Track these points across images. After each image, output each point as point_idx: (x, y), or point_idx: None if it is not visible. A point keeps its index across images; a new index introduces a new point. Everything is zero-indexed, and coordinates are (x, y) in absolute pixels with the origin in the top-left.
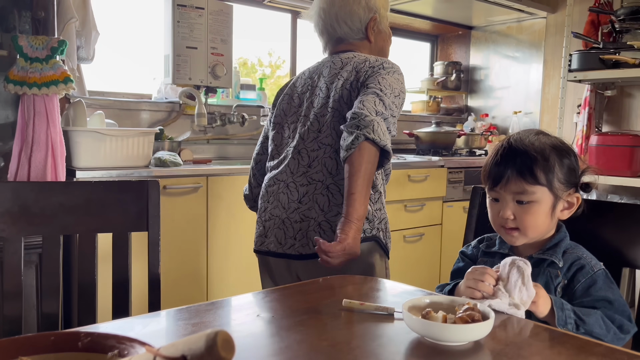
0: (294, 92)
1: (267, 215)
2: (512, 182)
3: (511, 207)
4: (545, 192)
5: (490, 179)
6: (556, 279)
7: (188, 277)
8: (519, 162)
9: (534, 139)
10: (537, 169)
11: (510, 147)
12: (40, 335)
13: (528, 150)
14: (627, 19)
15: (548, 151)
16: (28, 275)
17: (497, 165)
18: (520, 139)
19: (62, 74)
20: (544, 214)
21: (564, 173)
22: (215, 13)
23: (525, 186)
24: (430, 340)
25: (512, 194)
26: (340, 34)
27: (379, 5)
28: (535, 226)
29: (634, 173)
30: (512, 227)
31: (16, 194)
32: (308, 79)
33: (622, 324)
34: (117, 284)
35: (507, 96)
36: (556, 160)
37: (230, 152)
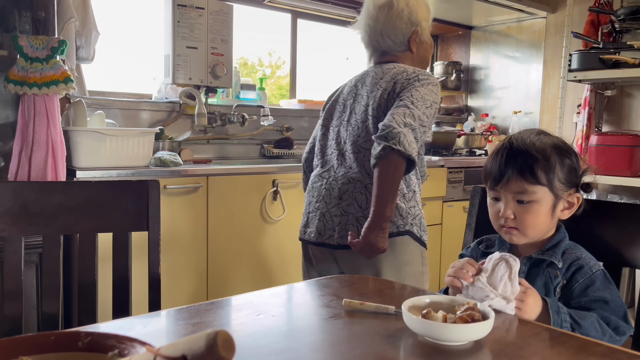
0: (339, 98)
1: (311, 208)
2: (513, 182)
3: (511, 207)
4: (545, 192)
5: (490, 178)
6: (555, 280)
7: (188, 277)
8: (520, 162)
9: (535, 139)
10: (538, 168)
11: (512, 146)
12: (40, 335)
13: (529, 150)
14: (627, 19)
15: (549, 151)
16: (28, 275)
17: (498, 164)
18: (521, 139)
19: (62, 74)
20: (544, 213)
21: (565, 173)
22: (216, 13)
23: (525, 186)
24: (430, 340)
25: (513, 194)
26: (384, 47)
27: (420, 19)
28: (535, 226)
29: (633, 173)
30: (511, 226)
31: (16, 193)
32: (353, 86)
33: (617, 326)
34: (118, 284)
35: (507, 96)
36: (557, 160)
37: (231, 152)
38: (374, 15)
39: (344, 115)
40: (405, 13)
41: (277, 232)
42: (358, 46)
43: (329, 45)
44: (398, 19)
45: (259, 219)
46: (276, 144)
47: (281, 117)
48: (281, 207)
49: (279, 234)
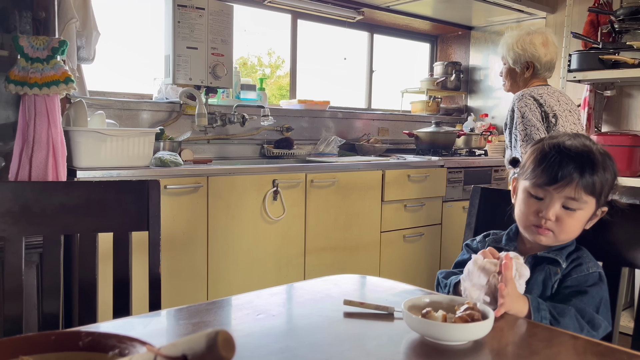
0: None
1: None
2: (571, 187)
3: (557, 209)
4: (592, 202)
5: (544, 176)
6: (555, 276)
7: (188, 276)
8: (584, 167)
9: (593, 146)
10: (597, 178)
11: (576, 148)
12: (41, 335)
13: (592, 157)
14: (626, 19)
15: (609, 162)
16: (29, 274)
17: (557, 163)
18: (583, 142)
19: (62, 74)
20: (582, 221)
21: (610, 187)
22: (216, 13)
23: (582, 194)
24: (430, 339)
25: (564, 198)
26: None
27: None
28: (572, 232)
29: (633, 173)
30: (549, 228)
31: (17, 193)
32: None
33: (592, 318)
34: (118, 284)
35: (506, 96)
36: (611, 173)
37: (231, 152)
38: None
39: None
40: None
41: (277, 232)
42: (357, 46)
43: (329, 45)
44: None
45: (259, 219)
46: (276, 144)
47: (281, 117)
48: (281, 207)
49: (279, 234)
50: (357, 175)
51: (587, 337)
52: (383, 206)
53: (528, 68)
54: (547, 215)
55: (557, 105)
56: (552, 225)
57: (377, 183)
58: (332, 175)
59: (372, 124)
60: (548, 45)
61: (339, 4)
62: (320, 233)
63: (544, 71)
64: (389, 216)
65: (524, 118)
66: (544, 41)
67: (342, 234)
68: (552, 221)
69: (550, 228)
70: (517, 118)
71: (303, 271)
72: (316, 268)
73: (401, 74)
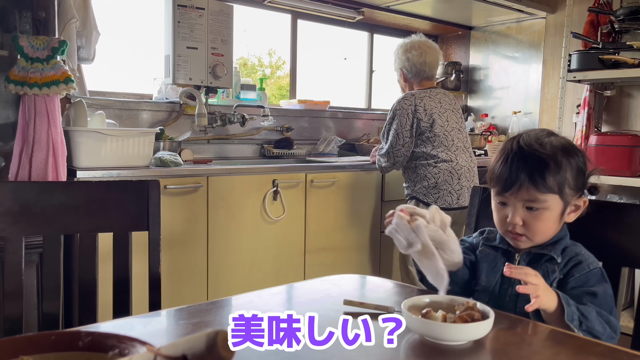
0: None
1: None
2: (524, 190)
3: (520, 214)
4: (556, 200)
5: (499, 184)
6: (552, 274)
7: (188, 276)
8: (531, 169)
9: (546, 141)
10: (549, 176)
11: (522, 150)
12: (41, 335)
13: (540, 156)
14: (626, 19)
15: (560, 156)
16: (29, 275)
17: (507, 169)
18: (530, 142)
19: (62, 74)
20: (553, 219)
21: (574, 178)
22: (216, 13)
23: (537, 194)
24: (430, 339)
25: (523, 201)
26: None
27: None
28: (544, 232)
29: (633, 173)
30: (519, 232)
31: (17, 193)
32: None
33: (609, 320)
34: (118, 284)
35: (506, 96)
36: (568, 165)
37: (231, 152)
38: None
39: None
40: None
41: (277, 232)
42: (357, 46)
43: (328, 45)
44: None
45: (259, 219)
46: (276, 144)
47: (281, 117)
48: (281, 207)
49: (279, 234)
50: (357, 175)
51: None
52: (383, 206)
53: (400, 75)
54: (513, 220)
55: (437, 107)
56: (523, 230)
57: (377, 183)
58: (332, 175)
59: (372, 124)
60: (409, 51)
61: (338, 4)
62: (320, 233)
63: (415, 75)
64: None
65: (394, 120)
66: (406, 48)
67: (342, 234)
68: (520, 225)
69: (521, 233)
70: (389, 118)
71: (303, 271)
72: (316, 268)
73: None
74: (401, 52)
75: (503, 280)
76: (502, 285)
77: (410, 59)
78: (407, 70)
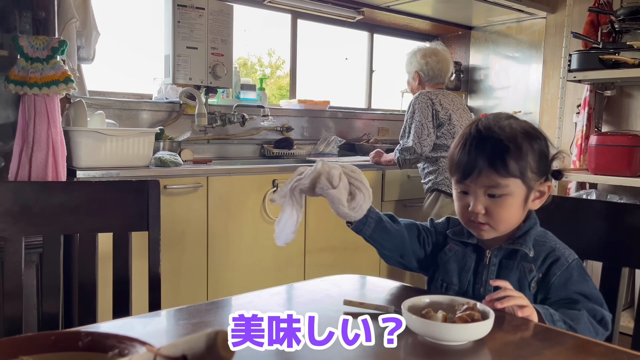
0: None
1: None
2: (484, 175)
3: (482, 201)
4: (518, 184)
5: (459, 171)
6: (530, 274)
7: (188, 276)
8: (490, 153)
9: (505, 124)
10: (509, 159)
11: (480, 134)
12: (40, 335)
13: (499, 139)
14: (626, 19)
15: (520, 138)
16: (28, 275)
17: (465, 155)
18: (489, 126)
19: (62, 74)
20: (516, 206)
21: (536, 161)
22: (216, 13)
23: (498, 179)
24: (430, 339)
25: (484, 188)
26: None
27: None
28: (507, 220)
29: (633, 173)
30: (482, 222)
31: (17, 193)
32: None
33: (603, 317)
34: (118, 284)
35: (506, 96)
36: (529, 148)
37: (231, 152)
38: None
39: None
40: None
41: None
42: (357, 46)
43: (328, 45)
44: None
45: (259, 219)
46: (276, 144)
47: (281, 117)
48: (281, 207)
49: None
50: None
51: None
52: (383, 206)
53: (415, 77)
54: (475, 209)
55: (450, 105)
56: (485, 218)
57: (377, 183)
58: None
59: (372, 124)
60: (429, 56)
61: (339, 3)
62: (320, 233)
63: (430, 79)
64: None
65: (415, 114)
66: (425, 53)
67: (342, 234)
68: (483, 214)
69: (484, 222)
70: (410, 113)
71: (303, 271)
72: (316, 268)
73: (401, 73)
74: (420, 56)
75: (475, 280)
76: (475, 285)
77: (429, 64)
78: (424, 74)
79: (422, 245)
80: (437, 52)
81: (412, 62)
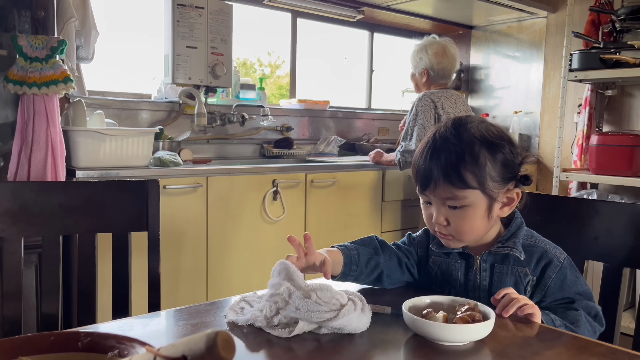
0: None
1: None
2: (440, 188)
3: (443, 212)
4: (478, 195)
5: (418, 181)
6: (525, 278)
7: (188, 276)
8: (444, 163)
9: (462, 132)
10: (464, 171)
11: (435, 144)
12: (40, 335)
13: (454, 149)
14: (627, 19)
15: (477, 147)
16: (28, 275)
17: (422, 165)
18: (445, 135)
19: (61, 74)
20: (479, 217)
21: (498, 170)
22: (215, 13)
23: (454, 191)
24: (431, 340)
25: (442, 199)
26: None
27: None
28: (471, 231)
29: (634, 173)
30: (445, 233)
31: (16, 194)
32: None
33: (597, 312)
34: (117, 284)
35: (507, 96)
36: (487, 158)
37: (230, 152)
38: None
39: None
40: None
41: (277, 232)
42: (358, 46)
43: (329, 44)
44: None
45: (259, 219)
46: (276, 143)
47: (281, 116)
48: (281, 207)
49: (279, 234)
50: (357, 175)
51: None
52: (383, 206)
53: (424, 74)
54: (437, 220)
55: (452, 108)
56: (449, 230)
57: (377, 183)
58: (332, 175)
59: (373, 123)
60: (441, 55)
61: (339, 3)
62: (320, 233)
63: (438, 78)
64: (389, 216)
65: (418, 116)
66: (437, 51)
67: (342, 234)
68: (445, 225)
69: (447, 233)
70: (412, 115)
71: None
72: None
73: (402, 73)
74: (432, 54)
75: (467, 287)
76: (467, 293)
77: (441, 63)
78: (434, 73)
79: (406, 270)
80: (449, 52)
81: (423, 59)
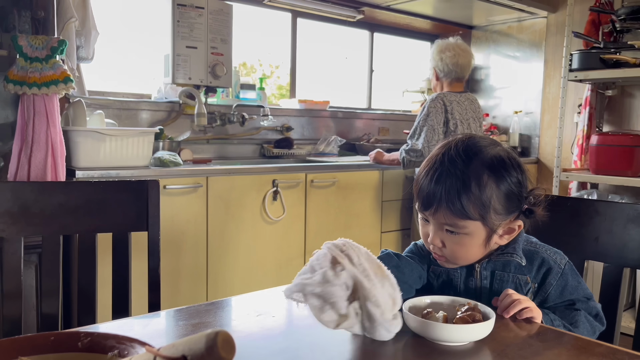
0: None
1: None
2: (441, 213)
3: (440, 235)
4: (478, 226)
5: (419, 199)
6: (526, 286)
7: (188, 277)
8: (449, 191)
9: (473, 157)
10: (468, 202)
11: (443, 166)
12: (40, 336)
13: (460, 176)
14: (627, 19)
15: (485, 178)
16: (28, 275)
17: (427, 185)
18: (454, 158)
19: (62, 74)
20: (476, 246)
21: (503, 203)
22: (215, 13)
23: (455, 219)
24: (431, 340)
25: (441, 223)
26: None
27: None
28: (465, 257)
29: (634, 173)
30: (439, 254)
31: (16, 194)
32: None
33: (597, 312)
34: (117, 284)
35: (507, 96)
36: (494, 190)
37: (230, 152)
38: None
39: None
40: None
41: (277, 232)
42: (358, 45)
43: (329, 44)
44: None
45: (259, 219)
46: (276, 143)
47: (281, 116)
48: (281, 207)
49: (279, 234)
50: (357, 175)
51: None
52: (383, 206)
53: (434, 74)
54: (432, 241)
55: (461, 114)
56: (444, 252)
57: (377, 183)
58: (332, 175)
59: (373, 123)
60: (444, 53)
61: (339, 3)
62: (320, 233)
63: (445, 75)
64: (389, 216)
65: (428, 117)
66: (440, 49)
67: (342, 234)
68: (440, 247)
69: (441, 254)
70: (423, 115)
71: None
72: None
73: (402, 73)
74: (436, 52)
75: (468, 295)
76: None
77: (443, 59)
78: (440, 70)
79: (422, 280)
80: (452, 46)
81: (432, 59)
